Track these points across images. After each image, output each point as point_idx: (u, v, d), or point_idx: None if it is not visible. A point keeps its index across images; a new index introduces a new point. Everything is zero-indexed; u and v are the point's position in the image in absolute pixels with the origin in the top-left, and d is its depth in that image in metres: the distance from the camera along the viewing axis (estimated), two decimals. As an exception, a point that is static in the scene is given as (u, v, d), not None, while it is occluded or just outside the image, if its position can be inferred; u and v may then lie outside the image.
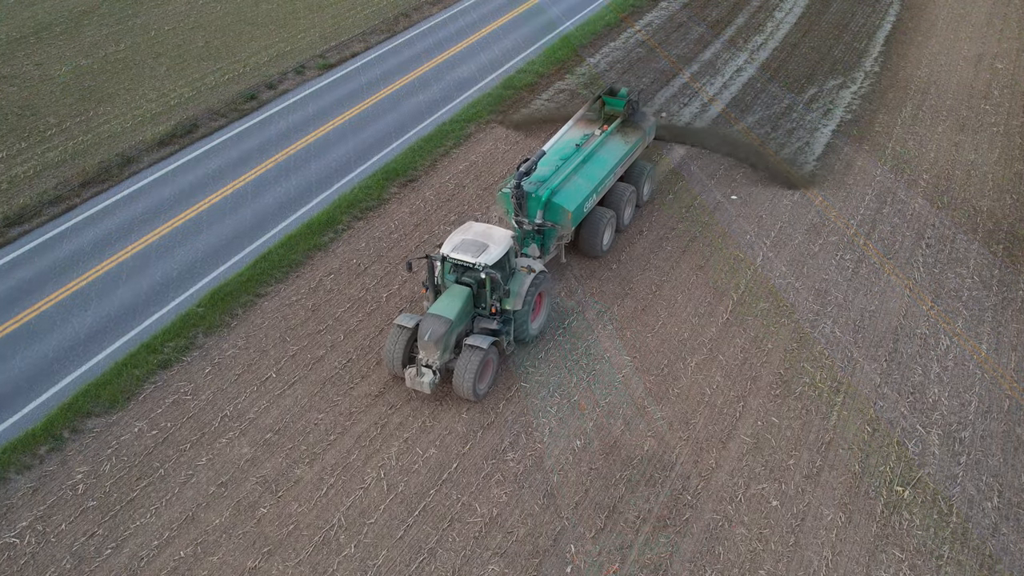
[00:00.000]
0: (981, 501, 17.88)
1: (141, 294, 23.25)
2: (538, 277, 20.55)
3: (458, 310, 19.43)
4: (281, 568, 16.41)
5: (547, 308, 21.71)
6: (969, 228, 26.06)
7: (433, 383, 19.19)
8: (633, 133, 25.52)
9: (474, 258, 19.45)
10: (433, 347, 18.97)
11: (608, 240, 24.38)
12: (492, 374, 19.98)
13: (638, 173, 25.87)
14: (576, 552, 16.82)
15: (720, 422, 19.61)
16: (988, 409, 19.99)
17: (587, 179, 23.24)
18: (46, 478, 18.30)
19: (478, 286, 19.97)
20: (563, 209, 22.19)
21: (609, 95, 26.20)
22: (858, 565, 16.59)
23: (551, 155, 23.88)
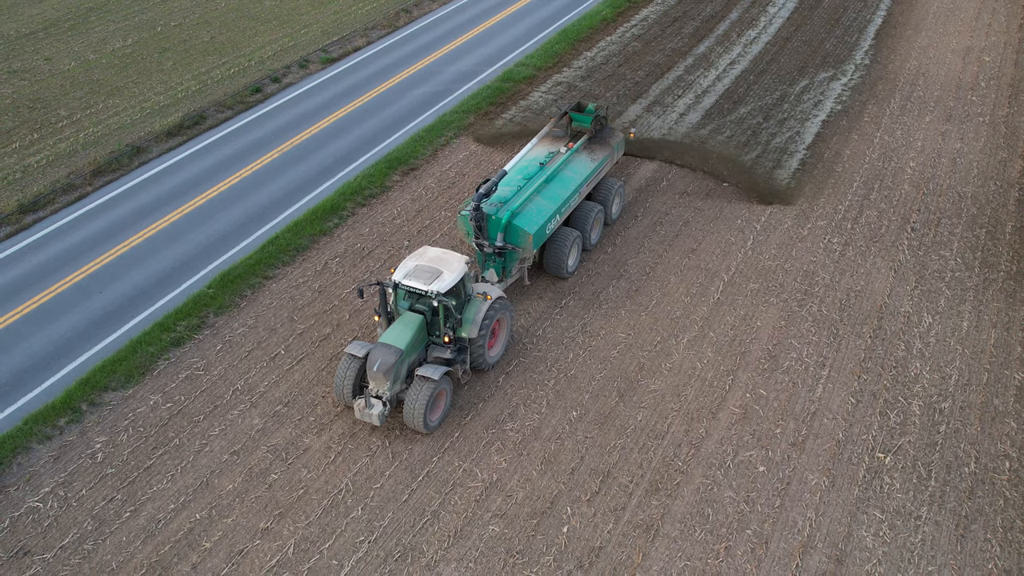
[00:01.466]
0: (959, 467, 18.75)
1: (153, 277, 24.13)
2: (495, 304, 19.85)
3: (409, 339, 18.68)
4: (292, 529, 17.28)
5: (506, 335, 20.90)
6: (953, 213, 26.93)
7: (383, 415, 18.53)
8: (600, 150, 24.89)
9: (426, 285, 18.74)
10: (382, 378, 18.33)
11: (574, 261, 23.73)
12: (446, 405, 19.27)
13: (606, 191, 25.15)
14: (572, 513, 17.69)
15: (710, 394, 20.49)
16: (968, 382, 20.85)
17: (550, 199, 22.62)
18: (66, 447, 19.16)
19: (431, 314, 19.19)
20: (524, 231, 21.62)
21: (576, 111, 25.41)
22: (840, 525, 17.46)
23: (514, 174, 23.24)
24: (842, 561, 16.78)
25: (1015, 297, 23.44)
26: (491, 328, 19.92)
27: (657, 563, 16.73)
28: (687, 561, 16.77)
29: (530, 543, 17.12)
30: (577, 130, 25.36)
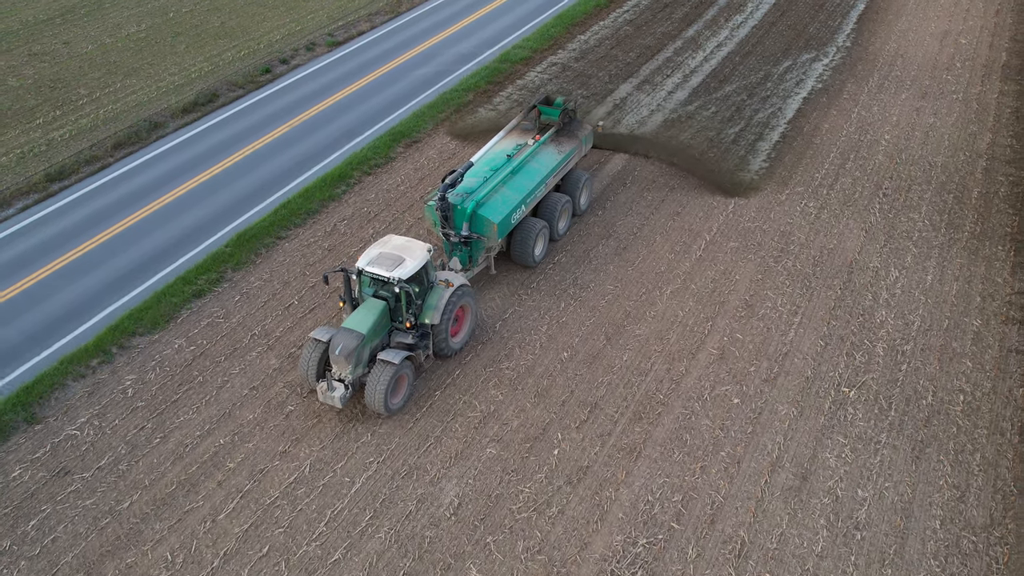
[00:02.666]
0: (917, 400, 20.54)
1: (174, 238, 25.90)
2: (458, 291, 20.33)
3: (371, 325, 19.15)
4: (308, 451, 19.08)
5: (471, 322, 21.42)
6: (924, 180, 28.71)
7: (344, 398, 19.05)
8: (568, 142, 25.37)
9: (388, 272, 19.16)
10: (344, 361, 18.82)
11: (541, 250, 24.25)
12: (407, 389, 19.74)
13: (574, 183, 25.74)
14: (562, 439, 19.48)
15: (690, 338, 22.28)
16: (929, 327, 22.64)
17: (516, 190, 23.16)
18: (99, 384, 20.95)
19: (394, 300, 19.69)
20: (488, 221, 22.16)
21: (545, 104, 26.01)
22: (806, 448, 19.26)
23: (481, 166, 23.72)
24: (807, 478, 18.55)
25: (977, 254, 25.21)
26: (454, 315, 20.47)
27: (639, 480, 18.51)
28: (666, 478, 18.54)
29: (524, 463, 18.90)
30: (545, 123, 25.76)
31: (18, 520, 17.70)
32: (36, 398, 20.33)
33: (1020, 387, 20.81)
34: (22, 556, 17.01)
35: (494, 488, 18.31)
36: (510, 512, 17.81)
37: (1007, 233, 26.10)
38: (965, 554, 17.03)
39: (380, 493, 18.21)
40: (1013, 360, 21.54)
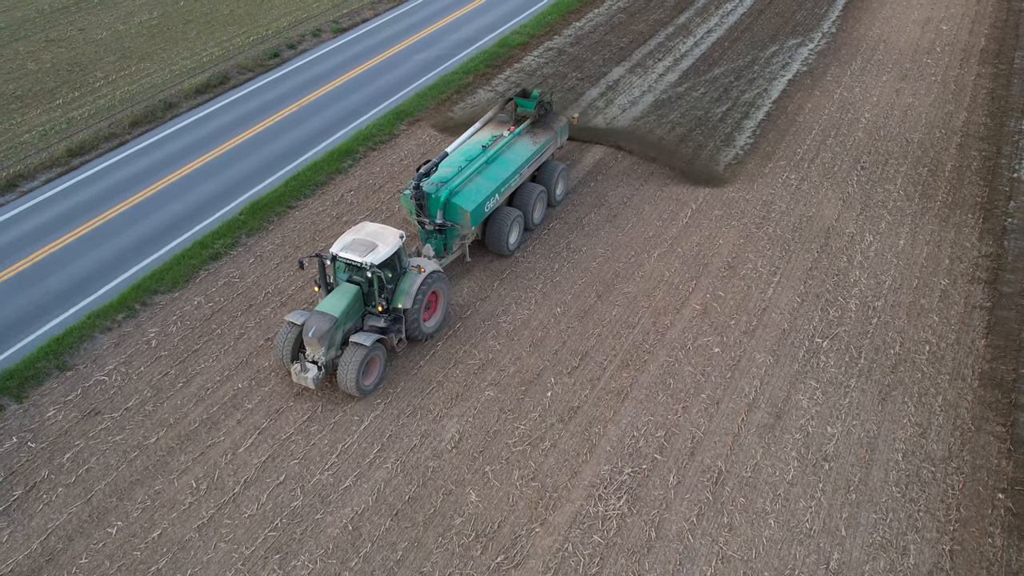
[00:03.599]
0: (885, 349, 22.12)
1: (191, 207, 27.49)
2: (430, 277, 20.87)
3: (344, 308, 19.74)
4: (319, 394, 20.67)
5: (444, 307, 22.00)
6: (900, 155, 30.30)
7: (317, 379, 19.63)
8: (543, 134, 25.87)
9: (361, 257, 19.68)
10: (317, 343, 19.38)
11: (516, 239, 24.79)
12: (379, 371, 20.32)
13: (549, 173, 26.27)
14: (555, 383, 21.08)
15: (676, 295, 23.87)
16: (899, 286, 24.22)
17: (490, 179, 23.71)
18: (125, 336, 22.56)
19: (367, 285, 20.29)
20: (462, 209, 22.70)
21: (521, 97, 26.56)
22: (781, 391, 20.85)
23: (457, 156, 24.21)
24: (780, 417, 20.16)
25: (948, 221, 26.80)
26: (427, 300, 21.11)
27: (626, 418, 20.12)
28: (650, 417, 20.15)
29: (519, 404, 20.50)
30: (522, 115, 26.30)
31: (54, 453, 19.28)
32: (66, 348, 21.88)
33: (982, 339, 22.36)
34: (59, 484, 18.59)
35: (492, 425, 19.90)
36: (506, 446, 19.39)
37: (977, 203, 27.68)
38: (924, 482, 18.60)
39: (387, 430, 19.80)
40: (977, 315, 23.12)
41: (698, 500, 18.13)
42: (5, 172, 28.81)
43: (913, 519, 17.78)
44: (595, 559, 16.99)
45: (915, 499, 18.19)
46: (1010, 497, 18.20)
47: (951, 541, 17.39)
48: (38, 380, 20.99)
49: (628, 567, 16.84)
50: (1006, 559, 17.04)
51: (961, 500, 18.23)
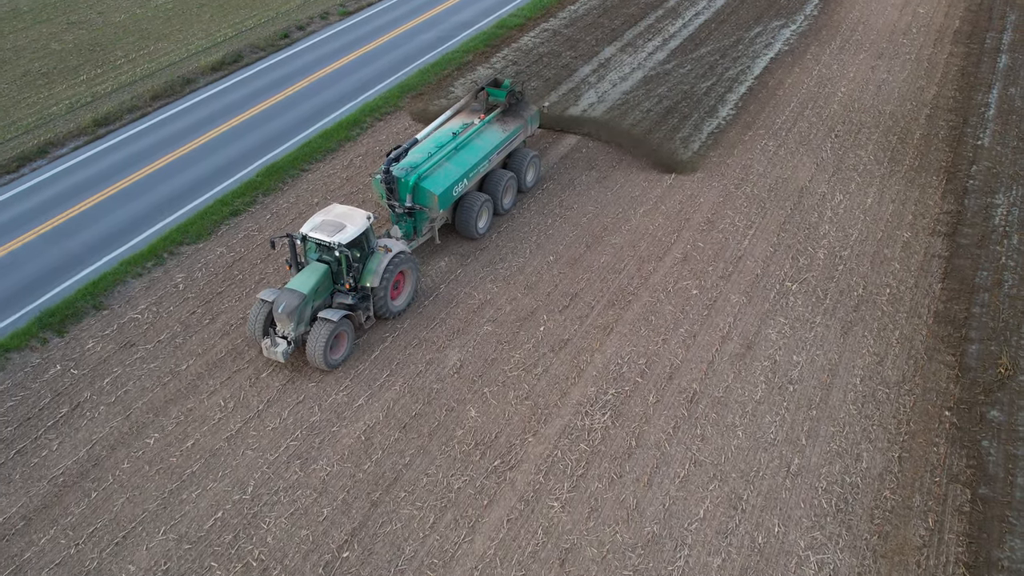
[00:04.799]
0: (849, 291, 24.27)
1: (210, 170, 29.63)
2: (397, 257, 21.69)
3: (313, 285, 20.55)
4: (334, 328, 22.77)
5: (412, 285, 22.85)
6: (872, 125, 32.45)
7: (287, 352, 20.50)
8: (513, 122, 26.64)
9: (330, 237, 20.45)
10: (286, 319, 20.23)
11: (485, 223, 25.61)
12: (347, 345, 21.12)
13: (520, 160, 27.13)
14: (547, 319, 23.24)
15: (658, 246, 26.03)
16: (865, 238, 26.37)
17: (458, 165, 24.54)
18: (154, 281, 24.72)
19: (336, 264, 21.10)
20: (430, 193, 23.51)
21: (493, 86, 27.40)
22: (752, 326, 23.01)
23: (428, 143, 25.09)
24: (751, 347, 22.31)
25: (913, 183, 28.96)
26: (394, 279, 21.93)
27: (611, 348, 22.28)
28: (633, 347, 22.31)
29: (514, 337, 22.67)
30: (493, 104, 27.17)
31: (95, 379, 21.46)
32: (102, 291, 24.04)
33: (939, 283, 24.52)
34: (101, 403, 20.77)
35: (490, 354, 22.07)
36: (503, 371, 21.56)
37: (942, 166, 29.85)
38: (879, 401, 20.77)
39: (395, 358, 21.97)
40: (935, 263, 25.29)
41: (674, 416, 20.28)
42: (36, 140, 30.95)
43: (867, 432, 19.92)
44: (581, 463, 19.15)
45: (870, 415, 20.32)
46: (955, 414, 20.36)
47: (900, 449, 19.52)
48: (77, 318, 23.11)
49: (610, 470, 19.00)
50: (948, 464, 19.20)
51: (911, 416, 20.36)
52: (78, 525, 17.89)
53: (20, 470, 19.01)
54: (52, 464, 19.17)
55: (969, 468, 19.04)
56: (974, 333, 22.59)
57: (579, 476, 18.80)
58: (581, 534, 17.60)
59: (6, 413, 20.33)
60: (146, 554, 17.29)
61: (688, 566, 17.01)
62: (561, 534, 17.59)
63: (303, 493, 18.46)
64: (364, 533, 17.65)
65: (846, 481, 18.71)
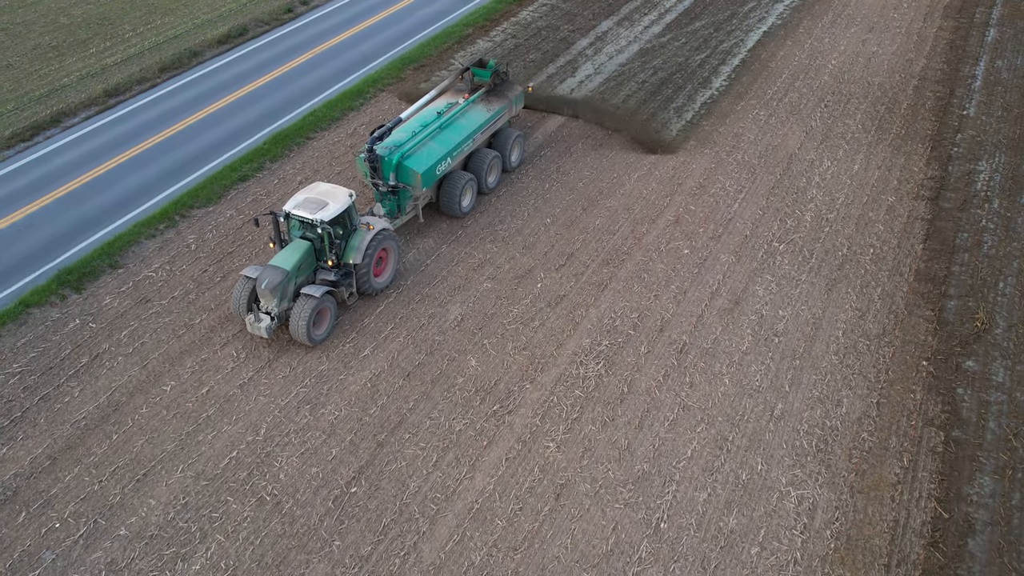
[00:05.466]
0: (834, 251, 25.29)
1: (219, 139, 30.57)
2: (379, 234, 22.00)
3: (295, 262, 20.84)
4: (340, 285, 23.83)
5: (394, 262, 23.14)
6: (861, 95, 33.38)
7: (271, 328, 20.84)
8: (497, 102, 26.91)
9: (312, 214, 20.77)
10: (270, 295, 20.58)
11: (468, 202, 25.95)
12: (330, 321, 21.51)
13: (504, 140, 27.43)
14: (544, 277, 24.28)
15: (652, 209, 27.03)
16: (851, 202, 27.37)
17: (442, 144, 24.76)
18: (167, 242, 25.74)
19: (319, 241, 21.37)
20: (413, 171, 23.76)
21: (478, 67, 27.58)
22: (741, 284, 24.05)
23: (413, 122, 25.26)
24: (739, 303, 23.37)
25: (899, 150, 29.94)
26: (377, 256, 22.25)
27: (605, 303, 23.33)
28: (626, 303, 23.37)
29: (513, 293, 23.72)
30: (478, 84, 27.43)
31: (112, 331, 22.53)
32: (117, 251, 25.06)
33: (920, 244, 25.55)
34: (119, 354, 21.84)
35: (489, 309, 23.13)
36: (502, 324, 22.64)
37: (927, 135, 30.81)
38: (859, 352, 21.84)
39: (398, 313, 23.04)
40: (918, 225, 26.31)
41: (664, 365, 21.36)
42: (49, 110, 31.89)
43: (848, 380, 21.02)
44: (575, 408, 20.25)
45: (851, 365, 21.41)
46: (932, 364, 21.45)
47: (878, 396, 20.62)
48: (94, 276, 24.16)
49: (603, 414, 20.10)
50: (923, 409, 20.30)
51: (890, 366, 21.44)
52: (101, 464, 18.97)
53: (44, 415, 20.07)
54: (74, 409, 20.24)
55: (944, 413, 20.10)
56: (953, 290, 23.61)
57: (573, 419, 19.88)
58: (575, 471, 18.70)
59: (29, 363, 21.37)
60: (165, 490, 18.38)
61: (676, 500, 18.11)
62: (556, 471, 18.69)
63: (313, 435, 19.55)
64: (371, 470, 18.74)
65: (827, 424, 19.78)
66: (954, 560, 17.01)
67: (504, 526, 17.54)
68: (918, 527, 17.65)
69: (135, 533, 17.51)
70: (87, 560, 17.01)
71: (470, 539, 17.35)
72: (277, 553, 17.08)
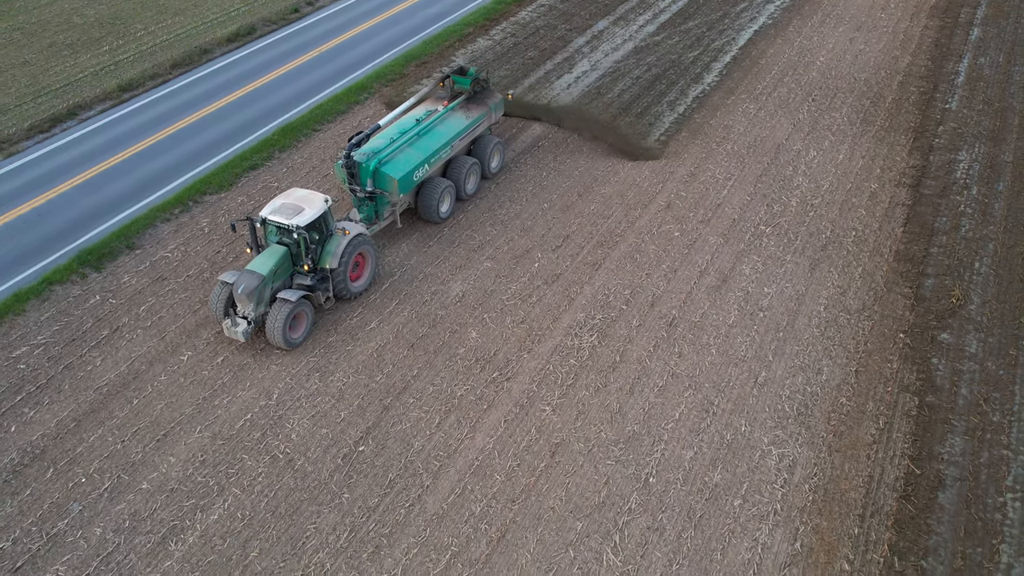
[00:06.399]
0: (818, 234, 26.51)
1: (229, 131, 31.84)
2: (355, 239, 22.24)
3: (271, 267, 21.09)
4: (347, 264, 25.07)
5: (371, 267, 23.38)
6: (848, 90, 34.70)
7: (247, 332, 21.18)
8: (476, 109, 27.20)
9: (288, 220, 20.94)
10: (246, 300, 20.86)
11: (447, 208, 26.21)
12: (307, 325, 21.83)
13: (484, 147, 27.71)
14: (541, 257, 25.52)
15: (644, 195, 28.30)
16: (835, 189, 28.63)
17: (420, 150, 25.04)
18: (182, 225, 26.99)
19: (295, 246, 21.62)
20: (390, 177, 23.98)
21: (459, 74, 27.77)
22: (728, 263, 25.29)
23: (392, 129, 25.65)
24: (726, 280, 24.61)
25: (883, 141, 31.23)
26: (353, 261, 22.54)
27: (599, 281, 24.57)
28: (619, 280, 24.61)
29: (511, 271, 24.97)
30: (459, 91, 27.67)
31: (131, 307, 23.76)
32: (134, 233, 26.29)
33: (901, 227, 26.80)
34: (138, 327, 23.08)
35: (489, 287, 24.38)
36: (501, 300, 23.87)
37: (911, 127, 32.11)
38: (840, 326, 23.07)
39: (403, 290, 24.28)
40: (899, 210, 27.57)
41: (655, 336, 22.59)
42: (66, 103, 33.21)
43: (828, 350, 22.24)
44: (570, 375, 21.47)
45: (831, 337, 22.63)
46: (909, 336, 22.66)
47: (857, 365, 21.83)
48: (112, 256, 25.39)
49: (597, 380, 21.32)
50: (900, 376, 21.51)
51: (869, 338, 22.66)
52: (123, 426, 20.19)
53: (69, 381, 21.30)
54: (97, 377, 21.47)
55: (919, 380, 21.32)
56: (931, 269, 24.86)
57: (568, 386, 21.10)
58: (570, 432, 19.91)
59: (53, 336, 22.60)
60: (184, 448, 19.60)
61: (664, 457, 19.31)
62: (552, 432, 19.90)
63: (322, 399, 20.78)
64: (377, 431, 19.96)
65: (807, 390, 21.00)
66: (924, 511, 18.15)
67: (503, 480, 18.72)
68: (891, 482, 18.81)
69: (156, 487, 18.68)
70: (112, 511, 18.17)
71: (471, 492, 18.52)
72: (290, 504, 18.25)
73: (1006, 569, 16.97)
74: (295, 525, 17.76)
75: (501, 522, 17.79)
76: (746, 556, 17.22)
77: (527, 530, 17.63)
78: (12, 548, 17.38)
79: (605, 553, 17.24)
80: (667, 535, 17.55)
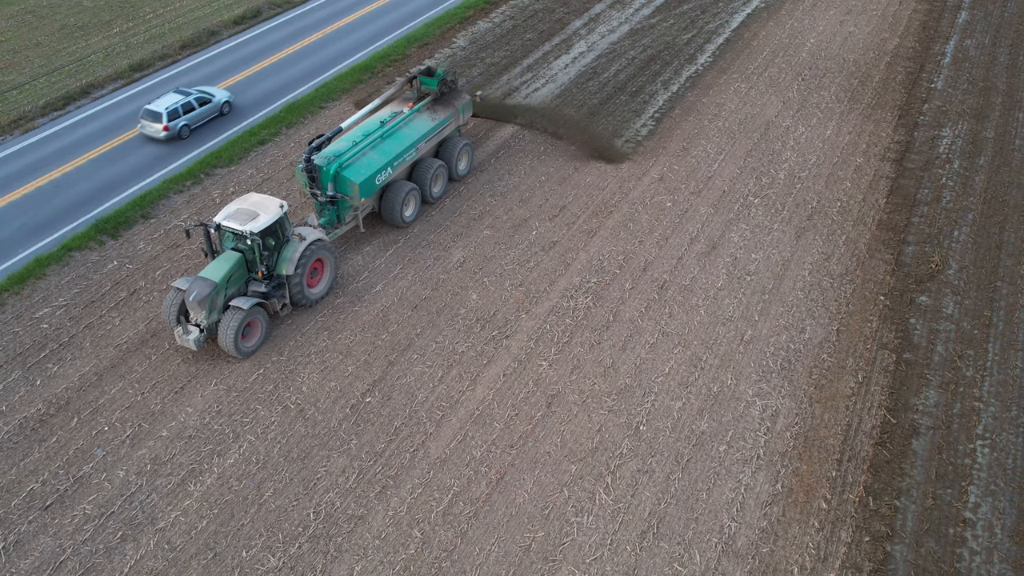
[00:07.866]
0: (805, 204, 27.67)
1: (237, 108, 32.97)
2: (312, 245, 21.76)
3: (224, 274, 20.54)
4: (351, 232, 26.23)
5: (331, 273, 22.95)
6: (837, 70, 35.78)
7: (200, 340, 20.61)
8: (443, 111, 26.69)
9: (242, 226, 20.38)
10: (198, 307, 20.32)
11: (412, 212, 25.69)
12: (261, 333, 21.29)
13: (451, 149, 27.21)
14: (539, 226, 26.66)
15: (638, 168, 29.43)
16: (822, 163, 29.75)
17: (382, 154, 24.57)
18: (193, 196, 28.12)
19: (250, 252, 21.11)
20: (351, 181, 23.56)
21: (426, 75, 27.25)
22: (718, 232, 26.43)
23: (356, 131, 25.22)
24: (715, 247, 25.75)
25: (869, 118, 32.33)
26: (311, 267, 22.14)
27: (594, 248, 25.71)
28: (613, 247, 25.75)
29: (510, 239, 26.10)
30: (425, 92, 27.23)
31: (147, 271, 24.89)
32: (148, 204, 27.42)
33: (884, 198, 27.92)
34: (155, 290, 24.22)
35: (488, 253, 25.52)
36: (500, 265, 25.02)
37: (897, 105, 33.20)
38: (823, 288, 24.22)
39: (406, 255, 25.42)
40: (883, 183, 28.69)
41: (647, 298, 23.75)
42: (79, 82, 34.31)
43: (811, 311, 23.40)
44: (566, 333, 22.64)
45: (815, 299, 23.78)
46: (889, 298, 23.81)
47: (838, 324, 22.99)
48: (128, 225, 26.54)
49: (591, 339, 22.49)
50: (879, 335, 22.67)
51: (850, 300, 23.81)
52: (143, 379, 21.36)
53: (90, 340, 22.46)
54: (116, 335, 22.63)
55: (897, 339, 22.47)
56: (911, 237, 25.99)
57: (564, 343, 22.27)
58: (565, 384, 21.09)
59: (73, 298, 23.75)
60: (201, 400, 20.77)
61: (654, 407, 20.49)
62: (548, 385, 21.08)
63: (331, 355, 21.94)
64: (383, 384, 21.13)
65: (791, 348, 22.17)
66: (899, 456, 19.34)
67: (502, 428, 19.91)
68: (868, 430, 19.99)
69: (175, 434, 19.87)
70: (134, 456, 19.36)
71: (472, 438, 19.71)
72: (302, 450, 19.44)
73: (974, 508, 18.14)
74: (307, 468, 18.93)
75: (500, 465, 18.96)
76: (730, 496, 18.38)
77: (524, 472, 18.80)
78: (41, 488, 18.54)
79: (598, 493, 18.40)
80: (656, 477, 18.72)
